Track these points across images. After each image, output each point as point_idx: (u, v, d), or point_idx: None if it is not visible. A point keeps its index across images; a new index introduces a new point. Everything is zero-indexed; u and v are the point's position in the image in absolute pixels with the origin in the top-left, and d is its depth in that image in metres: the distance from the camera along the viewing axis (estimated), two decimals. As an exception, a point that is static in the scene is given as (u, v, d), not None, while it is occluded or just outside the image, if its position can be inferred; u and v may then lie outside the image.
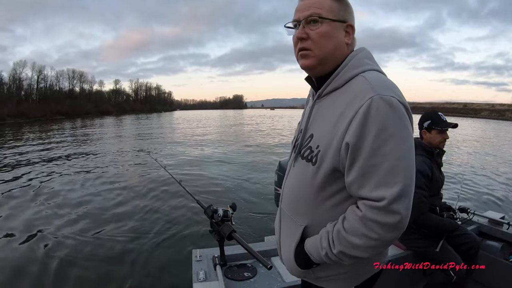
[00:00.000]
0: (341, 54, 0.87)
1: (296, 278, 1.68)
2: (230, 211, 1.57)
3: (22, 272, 3.18)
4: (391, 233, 0.75)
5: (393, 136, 0.72)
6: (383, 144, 0.72)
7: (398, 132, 0.73)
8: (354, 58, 0.85)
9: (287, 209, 1.00)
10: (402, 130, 0.74)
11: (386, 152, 0.72)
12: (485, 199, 5.81)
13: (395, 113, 0.73)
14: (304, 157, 0.90)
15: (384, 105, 0.73)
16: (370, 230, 0.75)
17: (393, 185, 0.72)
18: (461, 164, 9.44)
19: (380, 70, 0.86)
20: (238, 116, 60.52)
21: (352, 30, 0.88)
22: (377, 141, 0.72)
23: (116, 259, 3.46)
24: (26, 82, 67.03)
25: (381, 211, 0.73)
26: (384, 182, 0.72)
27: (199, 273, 1.59)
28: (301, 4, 0.87)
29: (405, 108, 0.76)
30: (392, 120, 0.73)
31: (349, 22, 0.87)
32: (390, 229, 0.74)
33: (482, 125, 33.11)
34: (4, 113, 48.41)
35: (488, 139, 18.80)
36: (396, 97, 0.75)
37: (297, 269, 0.95)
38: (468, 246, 1.99)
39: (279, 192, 3.77)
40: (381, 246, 0.78)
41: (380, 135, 0.72)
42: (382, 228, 0.74)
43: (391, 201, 0.72)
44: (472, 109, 63.41)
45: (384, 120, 0.72)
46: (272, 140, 15.90)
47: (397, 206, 0.72)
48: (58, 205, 5.30)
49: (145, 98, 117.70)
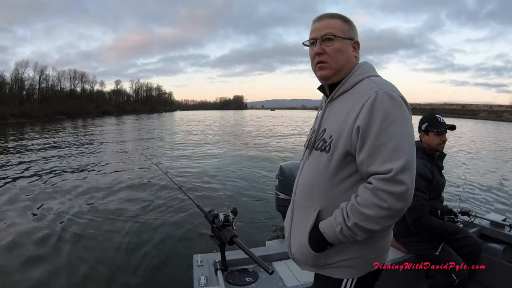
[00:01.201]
0: (351, 65, 1.05)
1: (298, 282, 1.69)
2: (231, 216, 1.57)
3: (17, 275, 3.18)
4: (399, 202, 0.85)
5: (396, 120, 0.88)
6: (387, 127, 0.87)
7: (399, 117, 0.89)
8: (360, 68, 1.04)
9: (302, 198, 1.09)
10: (402, 116, 0.90)
11: (390, 133, 0.87)
12: (486, 201, 5.79)
13: (396, 104, 0.90)
14: (318, 148, 1.04)
15: (387, 97, 0.89)
16: (380, 199, 0.86)
17: (397, 160, 0.85)
18: (462, 167, 9.42)
19: (379, 76, 1.03)
20: (238, 117, 60.49)
21: (358, 46, 1.06)
22: (383, 124, 0.87)
23: (116, 263, 3.45)
24: (28, 82, 67.54)
25: (389, 181, 0.85)
26: (390, 158, 0.86)
27: (200, 278, 1.59)
28: (317, 25, 1.05)
29: (404, 101, 0.92)
30: (393, 109, 0.89)
31: (356, 39, 1.06)
32: (398, 198, 0.85)
33: (480, 126, 33.00)
34: (7, 113, 48.70)
35: (488, 140, 18.77)
36: (395, 91, 0.92)
37: (309, 255, 1.03)
38: (470, 249, 1.99)
39: (280, 197, 3.77)
40: (391, 217, 0.88)
41: (385, 120, 0.87)
42: (391, 197, 0.85)
43: (397, 171, 0.84)
44: (470, 110, 63.62)
45: (387, 109, 0.88)
46: (274, 143, 15.86)
47: (402, 176, 0.84)
48: (57, 209, 5.30)
49: (145, 99, 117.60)
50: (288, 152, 12.40)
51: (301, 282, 1.66)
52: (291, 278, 1.71)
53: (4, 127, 32.47)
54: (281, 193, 3.23)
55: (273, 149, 13.24)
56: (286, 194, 3.17)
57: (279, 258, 1.90)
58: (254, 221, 4.59)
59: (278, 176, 3.32)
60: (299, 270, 1.75)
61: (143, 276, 3.20)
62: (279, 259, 1.89)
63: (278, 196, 3.29)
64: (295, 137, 19.11)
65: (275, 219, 4.54)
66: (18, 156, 11.38)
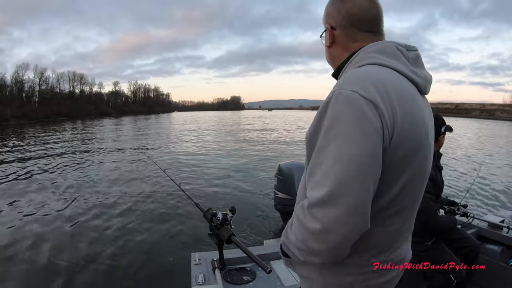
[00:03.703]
0: (340, 57, 0.85)
1: (295, 281, 1.68)
2: (230, 214, 1.57)
3: (15, 273, 3.17)
4: (314, 242, 0.67)
5: (339, 136, 0.64)
6: (328, 143, 0.65)
7: (345, 132, 0.64)
8: (360, 53, 0.78)
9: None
10: (350, 129, 0.64)
11: (328, 152, 0.65)
12: (484, 202, 5.81)
13: (350, 110, 0.64)
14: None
15: (341, 101, 0.66)
16: (297, 228, 0.71)
17: (320, 188, 0.64)
18: (459, 168, 9.45)
19: (387, 64, 0.74)
20: (236, 117, 60.51)
21: (331, 29, 0.84)
22: (324, 139, 0.66)
23: (114, 262, 3.44)
24: (27, 85, 68.56)
25: (304, 211, 0.68)
26: (318, 184, 0.65)
27: (198, 276, 1.58)
28: None
29: (370, 105, 0.64)
30: (343, 118, 0.65)
31: (327, 23, 0.85)
32: (311, 236, 0.66)
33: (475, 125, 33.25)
34: (8, 115, 49.43)
35: (484, 140, 18.86)
36: (360, 92, 0.65)
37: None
38: (467, 250, 1.99)
39: (279, 196, 3.77)
40: (309, 254, 0.70)
41: (328, 132, 0.66)
42: (303, 230, 0.68)
43: (311, 204, 0.65)
44: (463, 109, 64.11)
45: (335, 117, 0.65)
46: (272, 143, 15.89)
47: (316, 211, 0.64)
48: (56, 207, 5.28)
49: (143, 100, 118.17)
50: (288, 151, 12.42)
51: (299, 281, 1.65)
52: (289, 277, 1.71)
53: (5, 128, 32.56)
54: (280, 192, 3.23)
55: (272, 148, 13.26)
56: (284, 193, 3.17)
57: (277, 257, 1.89)
58: (252, 220, 4.59)
59: (277, 175, 3.32)
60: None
61: (141, 274, 3.19)
62: (277, 258, 1.89)
63: (277, 195, 3.29)
64: (295, 136, 19.12)
65: (274, 218, 4.53)
66: (18, 155, 11.33)
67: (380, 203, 0.70)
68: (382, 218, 0.73)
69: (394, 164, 0.68)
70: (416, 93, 0.76)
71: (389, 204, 0.72)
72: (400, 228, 0.79)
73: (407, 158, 0.70)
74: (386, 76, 0.71)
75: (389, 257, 0.79)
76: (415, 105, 0.73)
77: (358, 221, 0.64)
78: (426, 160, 0.77)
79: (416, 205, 0.82)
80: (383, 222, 0.74)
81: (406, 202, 0.76)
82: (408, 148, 0.69)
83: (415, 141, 0.71)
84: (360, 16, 0.80)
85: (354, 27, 0.81)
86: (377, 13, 0.81)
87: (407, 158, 0.70)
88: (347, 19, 0.80)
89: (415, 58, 0.79)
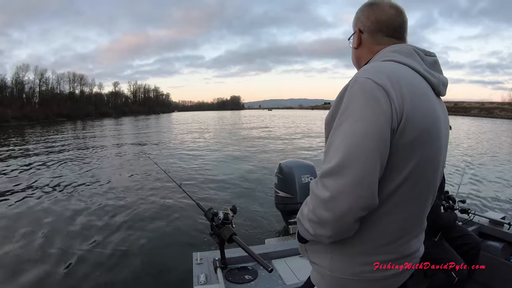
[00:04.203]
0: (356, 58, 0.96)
1: (297, 280, 1.69)
2: (231, 214, 1.57)
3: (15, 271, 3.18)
4: (322, 210, 0.71)
5: (351, 115, 0.71)
6: (341, 122, 0.72)
7: (356, 111, 0.70)
8: (380, 53, 0.86)
9: None
10: (361, 110, 0.70)
11: (340, 130, 0.72)
12: (485, 199, 5.81)
13: (363, 94, 0.71)
14: None
15: (356, 86, 0.73)
16: (310, 199, 0.76)
17: (331, 161, 0.70)
18: (460, 164, 9.45)
19: (402, 61, 0.80)
20: (236, 117, 60.53)
21: (359, 32, 0.93)
22: (340, 119, 0.73)
23: (116, 262, 3.45)
24: (28, 86, 69.02)
25: (317, 182, 0.74)
26: (330, 158, 0.71)
27: (200, 276, 1.59)
28: None
29: (381, 89, 0.70)
30: (356, 99, 0.71)
31: (356, 27, 0.94)
32: (320, 204, 0.71)
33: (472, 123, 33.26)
34: (9, 116, 49.75)
35: (484, 138, 18.86)
36: (373, 78, 0.71)
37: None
38: (468, 247, 1.99)
39: (280, 195, 3.76)
40: (318, 226, 0.74)
41: (342, 114, 0.72)
42: (315, 199, 0.73)
43: (323, 173, 0.71)
44: (462, 107, 64.16)
45: (350, 99, 0.72)
46: (272, 142, 15.89)
47: (327, 180, 0.70)
48: (56, 208, 5.28)
49: (143, 100, 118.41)
50: (288, 150, 12.42)
51: (301, 280, 1.66)
52: (291, 276, 1.71)
53: (6, 129, 32.58)
54: (280, 191, 3.23)
55: (272, 147, 13.26)
56: (285, 192, 3.17)
57: (279, 256, 1.90)
58: (253, 219, 4.60)
59: (277, 174, 3.32)
60: (298, 268, 1.75)
61: (143, 274, 3.20)
62: (278, 257, 1.89)
63: (278, 194, 3.29)
64: (295, 135, 19.13)
65: (275, 217, 4.54)
66: (20, 154, 11.34)
67: (388, 186, 0.74)
68: (389, 207, 0.76)
69: (401, 148, 0.72)
70: (428, 89, 0.81)
71: (396, 191, 0.75)
72: (406, 221, 0.80)
73: (414, 144, 0.73)
74: (400, 70, 0.78)
75: (397, 249, 0.81)
76: (425, 98, 0.78)
77: (365, 194, 0.68)
78: (437, 152, 0.81)
79: (428, 198, 0.84)
80: (388, 211, 0.76)
81: (416, 192, 0.78)
82: (415, 134, 0.73)
83: (423, 130, 0.74)
84: (387, 23, 0.89)
85: (381, 32, 0.89)
86: (402, 21, 0.90)
87: (414, 144, 0.73)
88: (375, 25, 0.89)
89: (432, 63, 0.86)
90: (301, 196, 3.02)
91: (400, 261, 0.82)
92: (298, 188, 3.07)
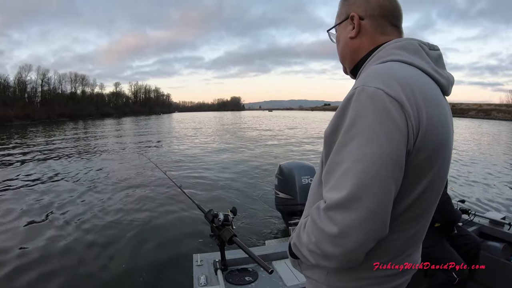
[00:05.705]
0: (360, 51, 0.80)
1: (297, 281, 1.69)
2: (231, 215, 1.57)
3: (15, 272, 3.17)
4: (328, 245, 0.63)
5: (360, 134, 0.61)
6: (349, 142, 0.62)
7: (367, 131, 0.60)
8: (383, 49, 0.74)
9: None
10: (373, 128, 0.60)
11: (348, 151, 0.61)
12: (485, 199, 5.79)
13: (374, 108, 0.60)
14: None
15: (364, 98, 0.62)
16: (311, 230, 0.67)
17: (339, 190, 0.61)
18: (460, 165, 9.44)
19: (409, 61, 0.70)
20: (236, 117, 60.50)
21: (359, 19, 0.78)
22: (345, 136, 0.63)
23: (116, 263, 3.44)
24: (30, 86, 69.63)
25: (320, 213, 0.65)
26: (337, 185, 0.62)
27: (200, 277, 1.59)
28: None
29: (395, 104, 0.60)
30: (365, 116, 0.61)
31: (351, 12, 0.79)
32: (326, 239, 0.63)
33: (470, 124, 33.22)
34: (12, 115, 50.19)
35: (484, 138, 18.84)
36: (385, 89, 0.61)
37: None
38: (469, 247, 2.00)
39: (280, 196, 3.76)
40: (322, 258, 0.67)
41: (349, 130, 0.62)
42: (319, 232, 0.65)
43: (329, 206, 0.62)
44: (460, 109, 64.02)
45: (357, 115, 0.62)
46: (272, 143, 15.88)
47: (334, 214, 0.61)
48: (55, 208, 5.28)
49: (144, 101, 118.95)
50: (288, 151, 12.40)
51: (301, 281, 1.66)
52: (291, 277, 1.71)
53: (9, 128, 32.68)
54: (280, 192, 3.24)
55: (272, 149, 13.23)
56: (285, 193, 3.17)
57: (279, 257, 1.90)
58: (253, 221, 4.59)
59: (277, 176, 3.33)
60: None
61: (143, 276, 3.19)
62: (278, 259, 1.89)
63: (277, 195, 3.29)
64: (296, 136, 19.12)
65: (275, 218, 4.54)
66: (21, 154, 11.35)
67: (399, 208, 0.67)
68: (399, 224, 0.69)
69: (415, 167, 0.65)
70: (440, 94, 0.72)
71: (407, 209, 0.69)
72: (415, 234, 0.76)
73: (429, 161, 0.66)
74: (411, 74, 0.68)
75: (399, 264, 0.76)
76: (440, 107, 0.69)
77: (378, 227, 0.61)
78: (446, 163, 0.73)
79: (432, 210, 0.78)
80: (398, 228, 0.70)
81: (423, 208, 0.72)
82: (430, 150, 0.65)
83: (438, 144, 0.66)
84: (391, 9, 0.77)
85: (385, 19, 0.77)
86: (401, 9, 0.79)
87: (429, 161, 0.66)
88: (379, 9, 0.76)
89: (437, 58, 0.76)
90: (301, 197, 3.02)
91: (401, 275, 0.78)
92: (298, 189, 3.07)
